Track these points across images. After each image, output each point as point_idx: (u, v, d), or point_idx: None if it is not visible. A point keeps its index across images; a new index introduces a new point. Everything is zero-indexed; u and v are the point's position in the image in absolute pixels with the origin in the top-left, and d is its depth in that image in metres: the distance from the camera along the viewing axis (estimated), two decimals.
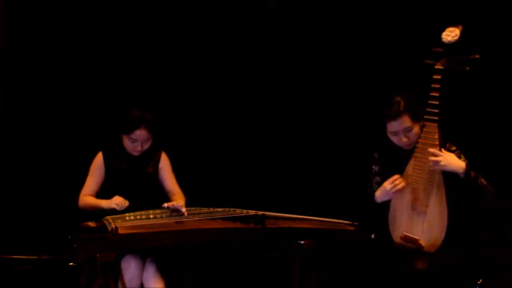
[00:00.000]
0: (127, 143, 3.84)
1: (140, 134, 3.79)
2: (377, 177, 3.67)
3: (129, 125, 3.79)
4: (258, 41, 4.68)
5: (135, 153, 3.86)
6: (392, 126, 3.49)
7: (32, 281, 4.36)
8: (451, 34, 3.37)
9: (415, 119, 3.47)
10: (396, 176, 3.49)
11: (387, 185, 3.49)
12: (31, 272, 4.36)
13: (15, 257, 4.39)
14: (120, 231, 3.34)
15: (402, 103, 3.46)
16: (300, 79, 4.69)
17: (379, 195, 3.54)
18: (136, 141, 3.81)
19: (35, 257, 4.37)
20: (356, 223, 3.60)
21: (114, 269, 3.51)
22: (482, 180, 3.41)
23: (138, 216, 3.54)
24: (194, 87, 4.74)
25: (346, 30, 4.58)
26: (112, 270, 3.40)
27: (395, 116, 3.46)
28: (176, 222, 3.52)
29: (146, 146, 3.85)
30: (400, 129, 3.48)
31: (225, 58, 4.71)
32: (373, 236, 3.66)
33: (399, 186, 3.47)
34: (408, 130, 3.48)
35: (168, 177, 3.96)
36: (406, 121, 3.47)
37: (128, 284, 3.56)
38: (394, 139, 3.54)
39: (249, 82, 4.72)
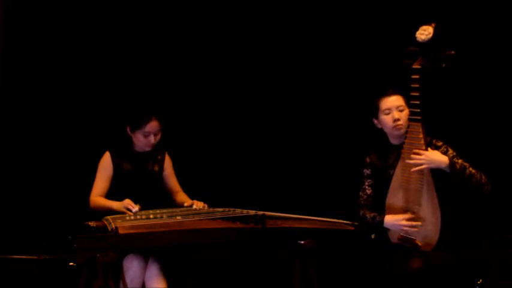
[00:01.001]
0: (140, 138, 3.88)
1: (152, 126, 3.85)
2: (369, 180, 3.74)
3: (141, 119, 3.85)
4: (257, 43, 4.69)
5: (148, 148, 3.92)
6: (386, 102, 3.60)
7: (32, 281, 4.36)
8: (424, 33, 3.42)
9: (407, 104, 3.57)
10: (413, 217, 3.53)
11: (403, 222, 3.52)
12: (31, 272, 4.36)
13: (15, 257, 4.39)
14: (120, 231, 3.34)
15: (397, 88, 3.62)
16: (302, 80, 4.70)
17: (389, 222, 3.57)
18: (149, 135, 3.86)
19: (35, 257, 4.37)
20: (356, 223, 3.61)
21: (115, 269, 3.51)
22: (471, 169, 3.43)
23: (138, 216, 3.54)
24: (194, 87, 4.74)
25: (329, 36, 4.62)
26: (112, 270, 3.39)
27: (390, 93, 3.61)
28: (176, 222, 3.52)
29: (157, 139, 3.91)
30: (394, 105, 3.59)
31: (223, 59, 4.71)
32: (373, 236, 3.68)
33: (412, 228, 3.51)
34: (401, 109, 3.58)
35: (172, 176, 4.04)
36: (399, 99, 3.61)
37: (129, 283, 3.57)
38: (387, 119, 3.60)
39: (250, 83, 4.72)
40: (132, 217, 3.54)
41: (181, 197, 3.98)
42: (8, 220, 4.51)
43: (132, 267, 3.62)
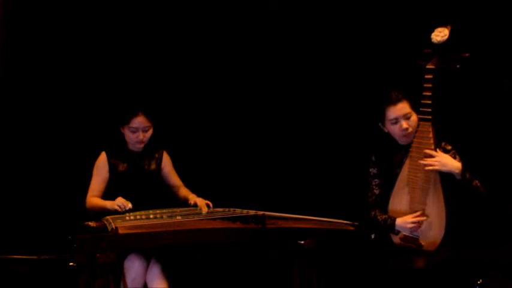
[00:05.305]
0: (128, 135, 3.89)
1: (139, 121, 3.85)
2: (376, 180, 3.70)
3: (128, 114, 3.85)
4: (258, 42, 4.68)
5: (138, 146, 3.91)
6: (392, 112, 3.55)
7: (32, 281, 4.36)
8: (440, 34, 3.44)
9: (414, 107, 3.54)
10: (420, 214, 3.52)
11: (410, 223, 3.52)
12: (31, 272, 4.36)
13: (15, 257, 4.39)
14: (120, 231, 3.34)
15: (401, 93, 3.56)
16: (301, 80, 4.70)
17: (400, 225, 3.55)
18: (136, 131, 3.86)
19: (35, 257, 4.37)
20: (356, 223, 3.61)
21: (116, 269, 3.51)
22: (477, 182, 3.43)
23: (138, 216, 3.55)
24: (195, 87, 4.74)
25: (341, 35, 4.60)
26: (113, 270, 3.39)
27: (396, 101, 3.54)
28: (176, 222, 3.53)
29: (147, 136, 3.90)
30: (401, 114, 3.54)
31: (225, 58, 4.71)
32: (373, 236, 3.67)
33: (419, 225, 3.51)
34: (408, 117, 3.54)
35: (172, 173, 4.05)
36: (406, 107, 3.54)
37: (130, 283, 3.57)
38: (395, 128, 3.56)
39: (250, 83, 4.72)
40: (132, 217, 3.54)
41: (184, 192, 4.00)
42: (8, 220, 4.52)
43: (133, 267, 3.61)
